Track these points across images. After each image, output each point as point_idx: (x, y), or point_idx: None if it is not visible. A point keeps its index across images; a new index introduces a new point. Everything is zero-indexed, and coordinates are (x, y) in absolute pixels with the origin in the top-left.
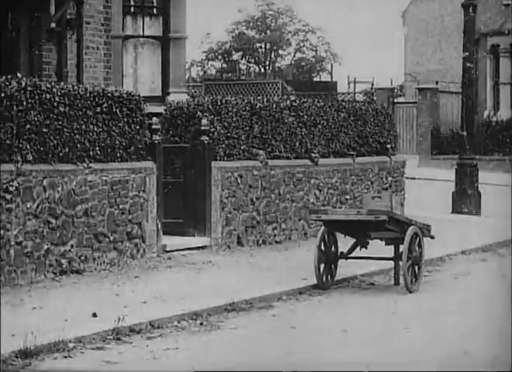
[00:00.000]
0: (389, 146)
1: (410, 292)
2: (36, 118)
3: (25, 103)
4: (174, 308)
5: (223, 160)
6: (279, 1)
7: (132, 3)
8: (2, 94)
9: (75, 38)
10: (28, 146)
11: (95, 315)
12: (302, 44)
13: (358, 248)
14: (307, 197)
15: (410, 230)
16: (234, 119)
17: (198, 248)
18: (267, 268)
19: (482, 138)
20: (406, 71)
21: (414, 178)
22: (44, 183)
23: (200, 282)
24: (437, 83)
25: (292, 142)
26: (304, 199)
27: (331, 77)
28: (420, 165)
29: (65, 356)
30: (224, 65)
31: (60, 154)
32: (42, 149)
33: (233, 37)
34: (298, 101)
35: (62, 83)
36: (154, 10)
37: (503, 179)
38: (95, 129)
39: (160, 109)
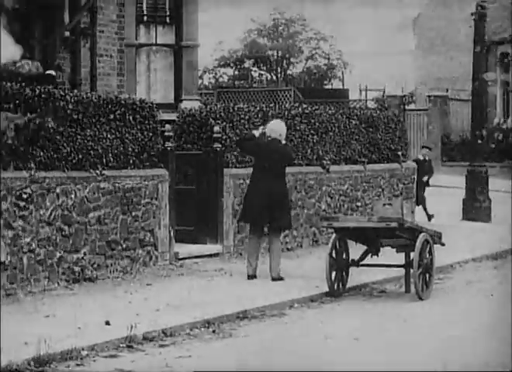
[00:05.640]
0: (400, 152)
1: (421, 300)
2: (49, 126)
3: (39, 110)
4: (187, 316)
5: (236, 167)
6: (291, 10)
7: (145, 12)
8: (17, 102)
9: (89, 46)
10: (41, 153)
11: (107, 322)
12: (314, 52)
13: (370, 255)
14: (318, 204)
15: (421, 237)
16: (246, 126)
17: (210, 255)
18: None
19: (492, 145)
20: (417, 79)
21: None
22: (57, 190)
23: (212, 290)
24: (447, 90)
25: (303, 149)
26: (315, 206)
27: (343, 85)
28: None
29: (78, 364)
30: (236, 73)
31: (74, 161)
32: (55, 156)
33: (245, 45)
34: (309, 109)
35: (76, 90)
36: (167, 19)
37: None
38: (108, 136)
39: (172, 116)
